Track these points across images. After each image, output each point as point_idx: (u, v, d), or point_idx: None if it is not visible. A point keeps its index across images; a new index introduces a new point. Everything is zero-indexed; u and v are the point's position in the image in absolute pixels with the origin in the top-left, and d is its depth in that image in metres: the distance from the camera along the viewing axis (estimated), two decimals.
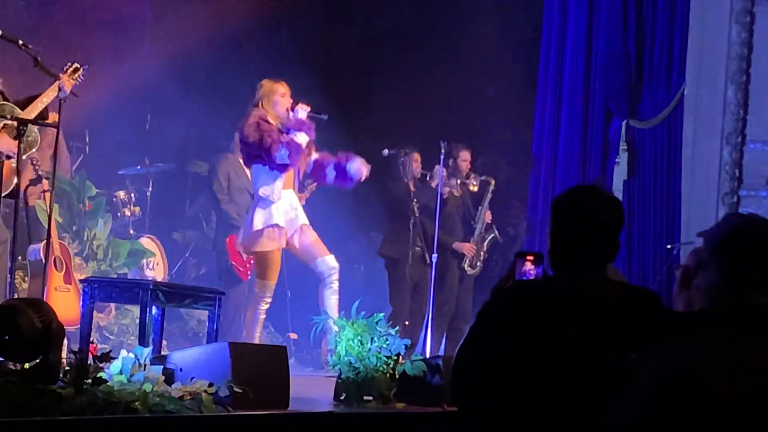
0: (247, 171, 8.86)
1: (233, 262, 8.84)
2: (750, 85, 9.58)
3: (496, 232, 9.38)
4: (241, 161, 8.82)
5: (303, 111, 7.01)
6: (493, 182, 9.28)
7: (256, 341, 6.86)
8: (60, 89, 6.19)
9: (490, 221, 9.37)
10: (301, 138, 6.93)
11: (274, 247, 6.93)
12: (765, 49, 9.48)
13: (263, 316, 7.07)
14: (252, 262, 8.73)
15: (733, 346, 2.35)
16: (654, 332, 2.48)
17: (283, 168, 6.91)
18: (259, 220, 6.89)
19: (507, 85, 10.01)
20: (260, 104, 6.98)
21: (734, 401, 2.25)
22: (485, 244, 9.29)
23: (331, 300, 6.93)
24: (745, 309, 2.42)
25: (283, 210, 6.92)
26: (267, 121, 6.90)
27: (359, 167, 7.11)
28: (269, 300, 6.99)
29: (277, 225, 6.88)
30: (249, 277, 8.78)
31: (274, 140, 6.79)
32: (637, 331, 2.83)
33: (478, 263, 9.23)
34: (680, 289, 2.56)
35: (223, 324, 8.85)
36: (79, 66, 6.41)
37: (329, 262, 7.01)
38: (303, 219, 7.05)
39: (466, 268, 9.15)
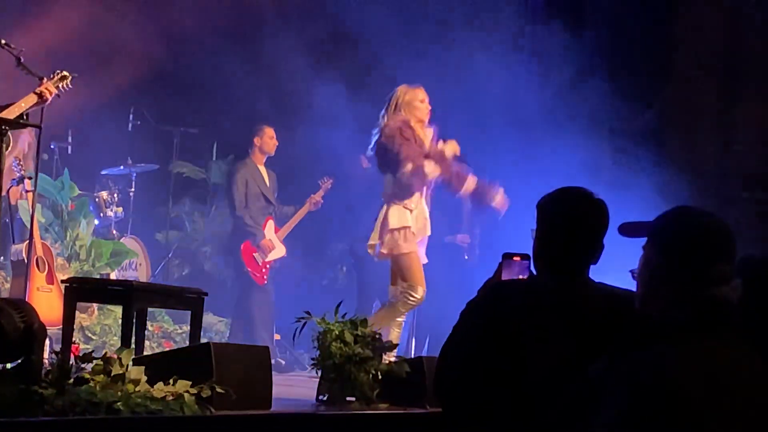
0: (266, 176, 8.93)
1: (249, 269, 8.88)
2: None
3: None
4: (259, 166, 8.91)
5: (450, 150, 6.79)
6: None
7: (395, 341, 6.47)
8: (40, 96, 6.08)
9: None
10: (430, 169, 6.68)
11: (410, 250, 6.67)
12: None
13: (401, 318, 6.75)
14: (268, 266, 8.83)
15: (713, 350, 2.33)
16: (629, 337, 2.44)
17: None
18: (394, 221, 6.66)
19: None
20: (401, 111, 6.72)
21: (717, 405, 2.26)
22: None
23: (393, 332, 6.60)
24: (716, 309, 2.38)
25: (416, 217, 6.73)
26: (410, 128, 6.69)
27: (502, 201, 6.84)
28: (413, 303, 6.65)
29: (409, 228, 6.66)
30: (266, 281, 8.92)
31: (406, 157, 6.60)
32: (617, 335, 2.81)
33: (476, 251, 9.36)
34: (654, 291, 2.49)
35: (233, 326, 8.92)
36: (68, 74, 6.27)
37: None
38: (428, 230, 6.86)
39: (466, 258, 9.27)
